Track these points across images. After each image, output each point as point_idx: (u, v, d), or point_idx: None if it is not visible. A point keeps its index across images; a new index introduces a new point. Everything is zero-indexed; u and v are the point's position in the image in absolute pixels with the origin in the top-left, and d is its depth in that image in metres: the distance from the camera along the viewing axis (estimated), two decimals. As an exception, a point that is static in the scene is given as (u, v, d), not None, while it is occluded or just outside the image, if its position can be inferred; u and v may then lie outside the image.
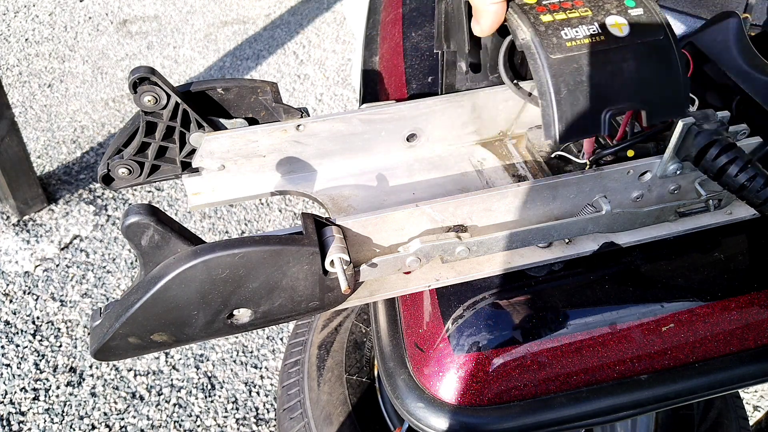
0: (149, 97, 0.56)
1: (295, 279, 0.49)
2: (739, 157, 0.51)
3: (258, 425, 1.52)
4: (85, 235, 1.93)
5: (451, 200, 0.53)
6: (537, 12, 0.53)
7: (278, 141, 0.61)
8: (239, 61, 2.63)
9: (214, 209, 2.01)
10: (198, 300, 0.48)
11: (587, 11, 0.54)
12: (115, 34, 2.75)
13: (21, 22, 2.79)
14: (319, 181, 0.65)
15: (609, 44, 0.52)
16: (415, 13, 0.83)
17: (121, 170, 0.61)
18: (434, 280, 0.57)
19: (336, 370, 1.15)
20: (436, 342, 0.57)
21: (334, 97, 2.47)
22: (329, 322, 1.23)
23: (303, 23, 2.86)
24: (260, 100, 0.62)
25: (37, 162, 2.13)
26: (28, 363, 1.63)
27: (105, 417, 1.53)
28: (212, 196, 0.63)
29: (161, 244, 0.48)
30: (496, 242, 0.54)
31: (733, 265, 0.60)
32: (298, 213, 2.02)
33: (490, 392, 0.56)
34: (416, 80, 0.74)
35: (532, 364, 0.56)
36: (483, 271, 0.57)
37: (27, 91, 2.44)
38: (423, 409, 0.56)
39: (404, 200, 0.63)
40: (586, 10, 0.54)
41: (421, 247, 0.53)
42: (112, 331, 0.48)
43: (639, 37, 0.53)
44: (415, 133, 0.65)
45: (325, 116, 0.61)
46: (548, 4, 0.54)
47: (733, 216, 0.60)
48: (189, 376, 1.61)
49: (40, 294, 1.78)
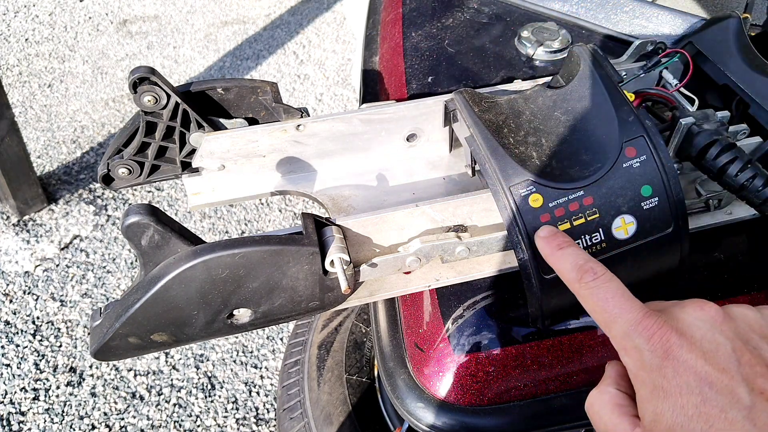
0: (149, 97, 0.56)
1: (295, 279, 0.49)
2: (739, 157, 0.51)
3: (258, 425, 1.52)
4: (85, 235, 1.93)
5: (451, 200, 0.53)
6: (540, 223, 0.48)
7: (278, 141, 0.61)
8: (239, 61, 2.63)
9: (214, 209, 2.01)
10: (198, 300, 0.48)
11: (595, 214, 0.49)
12: (115, 34, 2.75)
13: (21, 22, 2.79)
14: (319, 181, 0.65)
15: (609, 251, 0.49)
16: (415, 13, 0.83)
17: (121, 170, 0.61)
18: (434, 280, 0.57)
19: (336, 370, 1.15)
20: (436, 342, 0.57)
21: (334, 97, 2.47)
22: (329, 322, 1.23)
23: (303, 23, 2.86)
24: (260, 100, 0.62)
25: (37, 162, 2.13)
26: (28, 363, 1.63)
27: (105, 417, 1.53)
28: (212, 196, 0.63)
29: (161, 244, 0.48)
30: (496, 242, 0.54)
31: (733, 265, 0.60)
32: (298, 213, 2.02)
33: (490, 392, 0.56)
34: (416, 80, 0.74)
35: (533, 364, 0.56)
36: (483, 271, 0.57)
37: (27, 91, 2.44)
38: (423, 409, 0.56)
39: (404, 200, 0.63)
40: (594, 212, 0.49)
41: (421, 247, 0.53)
42: (112, 331, 0.48)
43: (644, 236, 0.50)
44: (415, 133, 0.64)
45: (325, 116, 0.61)
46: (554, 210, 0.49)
47: (733, 216, 0.60)
48: (189, 376, 1.61)
49: (40, 294, 1.78)
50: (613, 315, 0.39)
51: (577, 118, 0.53)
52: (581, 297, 0.42)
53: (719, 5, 0.73)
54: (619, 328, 0.39)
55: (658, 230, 0.50)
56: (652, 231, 0.50)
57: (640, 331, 0.38)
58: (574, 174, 0.50)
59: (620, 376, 0.42)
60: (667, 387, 0.36)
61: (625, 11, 0.77)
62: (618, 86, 0.53)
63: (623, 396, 0.41)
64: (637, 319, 0.38)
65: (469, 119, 0.54)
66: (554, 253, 0.45)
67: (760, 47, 0.63)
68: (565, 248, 0.45)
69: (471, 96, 0.56)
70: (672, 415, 0.36)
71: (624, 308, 0.39)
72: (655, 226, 0.50)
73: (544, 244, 0.46)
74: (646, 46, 0.66)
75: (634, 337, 0.38)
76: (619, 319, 0.39)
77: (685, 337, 0.37)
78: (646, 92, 0.57)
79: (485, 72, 0.74)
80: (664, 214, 0.50)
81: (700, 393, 0.35)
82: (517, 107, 0.56)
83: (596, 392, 0.42)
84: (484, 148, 0.52)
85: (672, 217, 0.50)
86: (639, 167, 0.49)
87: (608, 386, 0.42)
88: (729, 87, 0.62)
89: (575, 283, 0.42)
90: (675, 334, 0.37)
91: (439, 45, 0.78)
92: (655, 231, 0.50)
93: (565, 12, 0.80)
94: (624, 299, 0.40)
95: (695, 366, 0.36)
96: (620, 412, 0.40)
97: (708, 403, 0.35)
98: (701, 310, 0.38)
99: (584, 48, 0.56)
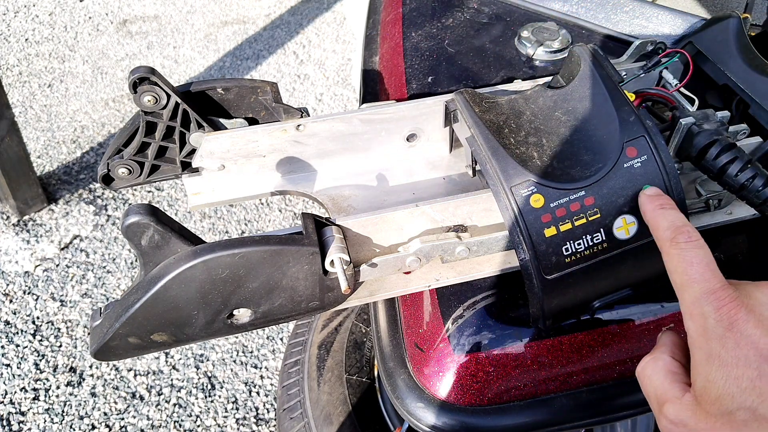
0: (149, 97, 0.56)
1: (295, 279, 0.49)
2: (739, 157, 0.51)
3: (258, 425, 1.52)
4: (85, 235, 1.93)
5: (451, 200, 0.53)
6: (542, 223, 0.48)
7: (278, 141, 0.61)
8: (239, 61, 2.63)
9: (214, 209, 2.01)
10: (198, 300, 0.48)
11: (596, 214, 0.49)
12: (115, 34, 2.75)
13: (21, 22, 2.79)
14: (319, 181, 0.65)
15: (610, 251, 0.50)
16: (415, 13, 0.83)
17: (121, 170, 0.61)
18: (434, 280, 0.57)
19: (336, 370, 1.15)
20: (436, 342, 0.57)
21: (334, 97, 2.47)
22: (329, 322, 1.23)
23: (303, 23, 2.86)
24: (260, 100, 0.62)
25: (37, 162, 2.13)
26: (28, 363, 1.63)
27: (105, 417, 1.53)
28: (212, 196, 0.63)
29: (161, 244, 0.48)
30: (496, 242, 0.54)
31: (733, 265, 0.60)
32: (298, 213, 2.02)
33: (490, 392, 0.56)
34: (416, 80, 0.74)
35: (533, 364, 0.56)
36: (483, 271, 0.57)
37: (27, 91, 2.44)
38: (423, 409, 0.56)
39: (404, 200, 0.63)
40: (595, 212, 0.49)
41: (421, 247, 0.53)
42: (112, 331, 0.48)
43: (645, 236, 0.49)
44: (415, 133, 0.64)
45: (325, 116, 0.61)
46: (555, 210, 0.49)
47: (733, 216, 0.60)
48: (189, 376, 1.61)
49: (40, 294, 1.78)
50: (692, 279, 0.40)
51: (578, 118, 0.53)
52: (668, 255, 0.42)
53: (719, 5, 0.73)
54: (692, 293, 0.40)
55: None
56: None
57: (712, 300, 0.39)
58: (575, 174, 0.50)
59: (675, 344, 0.44)
60: (724, 356, 0.37)
61: (625, 11, 0.77)
62: (618, 86, 0.53)
63: (677, 364, 0.42)
64: (713, 289, 0.39)
65: (469, 119, 0.54)
66: (656, 210, 0.46)
67: (760, 47, 0.63)
68: (667, 209, 0.46)
69: (471, 96, 0.56)
70: (725, 384, 0.37)
71: (705, 276, 0.40)
72: None
73: (648, 201, 0.47)
74: (646, 46, 0.66)
75: (703, 304, 0.39)
76: (696, 284, 0.40)
77: (754, 314, 0.38)
78: (646, 92, 0.57)
79: (485, 72, 0.74)
80: None
81: (758, 368, 0.36)
82: (518, 107, 0.56)
83: (650, 358, 0.43)
84: (485, 149, 0.52)
85: None
86: (640, 167, 0.50)
87: (663, 353, 0.43)
88: (729, 87, 0.62)
89: (667, 241, 0.43)
90: (744, 309, 0.38)
91: (439, 45, 0.78)
92: None
93: (565, 12, 0.80)
94: (708, 268, 0.40)
95: (758, 342, 0.37)
96: (672, 379, 0.41)
97: (764, 379, 0.36)
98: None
99: (585, 48, 0.56)
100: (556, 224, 0.49)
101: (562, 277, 0.49)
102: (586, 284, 0.51)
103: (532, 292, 0.49)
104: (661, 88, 0.61)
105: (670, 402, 0.40)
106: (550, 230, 0.49)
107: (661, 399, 0.41)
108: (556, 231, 0.49)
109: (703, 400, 0.38)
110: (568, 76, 0.57)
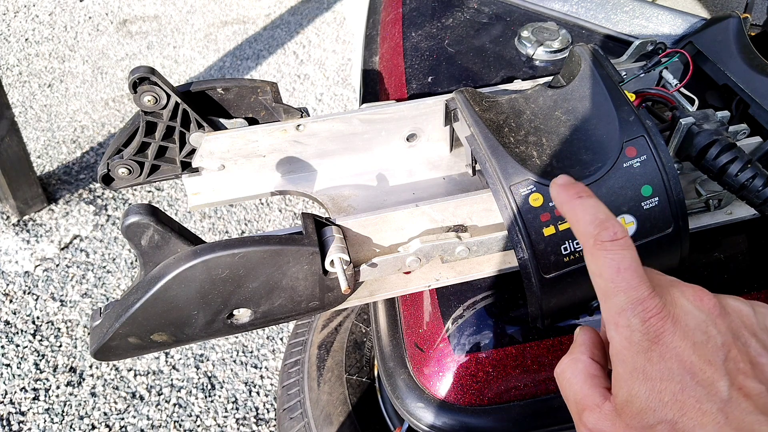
0: (149, 97, 0.56)
1: (295, 279, 0.49)
2: (739, 157, 0.51)
3: (258, 425, 1.52)
4: (85, 235, 1.93)
5: (451, 200, 0.53)
6: (540, 222, 0.48)
7: (278, 141, 0.61)
8: (239, 61, 2.63)
9: (214, 209, 2.01)
10: (198, 300, 0.48)
11: None
12: (115, 34, 2.75)
13: (21, 22, 2.79)
14: (319, 181, 0.65)
15: None
16: (415, 13, 0.83)
17: (121, 170, 0.61)
18: (434, 280, 0.57)
19: (336, 370, 1.15)
20: (436, 342, 0.57)
21: (334, 97, 2.47)
22: (329, 322, 1.23)
23: (303, 23, 2.86)
24: (260, 100, 0.62)
25: (37, 162, 2.13)
26: (28, 363, 1.63)
27: (105, 417, 1.53)
28: (212, 196, 0.63)
29: (161, 244, 0.48)
30: (496, 242, 0.54)
31: (733, 265, 0.60)
32: (298, 213, 2.02)
33: (490, 392, 0.56)
34: (416, 80, 0.74)
35: (533, 364, 0.56)
36: (483, 271, 0.57)
37: (27, 91, 2.44)
38: (423, 409, 0.56)
39: (404, 200, 0.63)
40: None
41: (421, 247, 0.53)
42: (112, 331, 0.48)
43: (644, 236, 0.49)
44: (415, 133, 0.64)
45: (325, 116, 0.61)
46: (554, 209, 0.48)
47: (733, 216, 0.60)
48: (189, 376, 1.61)
49: (40, 294, 1.78)
50: (618, 287, 0.37)
51: (578, 118, 0.53)
52: (592, 256, 0.38)
53: (719, 5, 0.73)
54: (618, 302, 0.37)
55: (658, 230, 0.50)
56: (653, 231, 0.50)
57: (639, 312, 0.36)
58: (574, 173, 0.50)
59: (594, 344, 0.41)
60: (649, 371, 0.36)
61: (625, 11, 0.77)
62: (618, 86, 0.53)
63: (596, 366, 0.40)
64: (641, 298, 0.36)
65: (469, 118, 0.54)
66: (572, 201, 0.39)
67: (760, 47, 0.63)
68: (585, 198, 0.39)
69: (471, 95, 0.56)
70: (647, 399, 0.35)
71: (632, 284, 0.36)
72: (655, 226, 0.50)
73: (560, 191, 0.40)
74: (646, 46, 0.66)
75: (630, 316, 0.36)
76: (623, 293, 0.37)
77: (680, 325, 0.36)
78: (646, 92, 0.57)
79: (485, 72, 0.74)
80: (664, 214, 0.50)
81: (681, 381, 0.35)
82: (518, 107, 0.56)
83: (568, 359, 0.41)
84: (485, 147, 0.52)
85: (672, 217, 0.50)
86: (639, 167, 0.49)
87: (582, 353, 0.41)
88: (729, 87, 0.62)
89: (590, 238, 0.38)
90: (670, 320, 0.36)
91: (439, 45, 0.78)
92: (656, 231, 0.50)
93: (565, 12, 0.80)
94: (635, 274, 0.37)
95: (683, 354, 0.35)
96: (592, 383, 0.39)
97: (686, 392, 0.35)
98: (700, 301, 0.38)
99: (585, 48, 0.56)
100: (554, 223, 0.48)
101: (561, 276, 0.49)
102: (584, 283, 0.51)
103: (531, 291, 0.49)
104: (661, 88, 0.61)
105: (590, 410, 0.38)
106: (548, 229, 0.49)
107: (581, 405, 0.39)
108: (555, 230, 0.49)
109: (624, 413, 0.36)
110: (568, 76, 0.57)
